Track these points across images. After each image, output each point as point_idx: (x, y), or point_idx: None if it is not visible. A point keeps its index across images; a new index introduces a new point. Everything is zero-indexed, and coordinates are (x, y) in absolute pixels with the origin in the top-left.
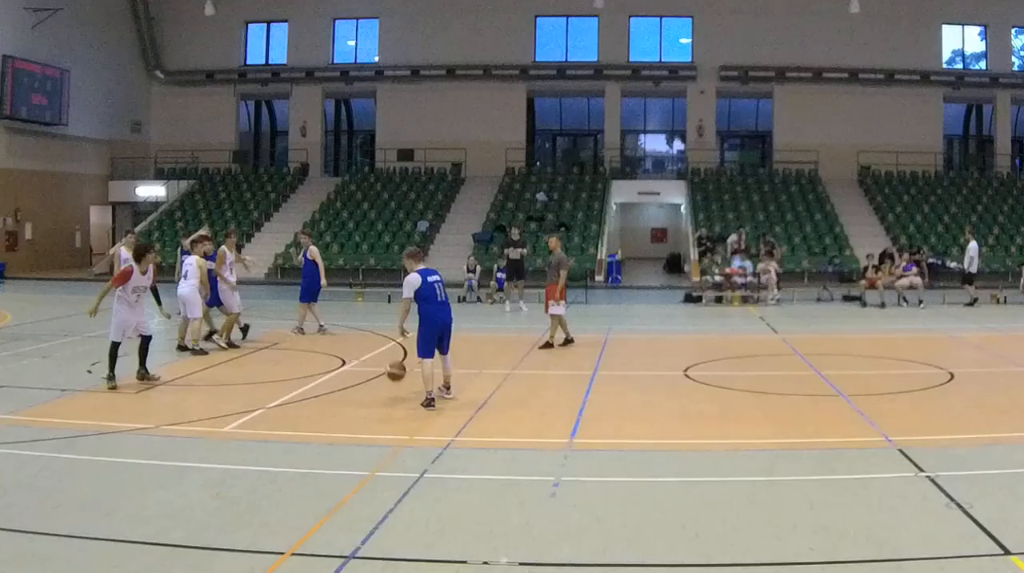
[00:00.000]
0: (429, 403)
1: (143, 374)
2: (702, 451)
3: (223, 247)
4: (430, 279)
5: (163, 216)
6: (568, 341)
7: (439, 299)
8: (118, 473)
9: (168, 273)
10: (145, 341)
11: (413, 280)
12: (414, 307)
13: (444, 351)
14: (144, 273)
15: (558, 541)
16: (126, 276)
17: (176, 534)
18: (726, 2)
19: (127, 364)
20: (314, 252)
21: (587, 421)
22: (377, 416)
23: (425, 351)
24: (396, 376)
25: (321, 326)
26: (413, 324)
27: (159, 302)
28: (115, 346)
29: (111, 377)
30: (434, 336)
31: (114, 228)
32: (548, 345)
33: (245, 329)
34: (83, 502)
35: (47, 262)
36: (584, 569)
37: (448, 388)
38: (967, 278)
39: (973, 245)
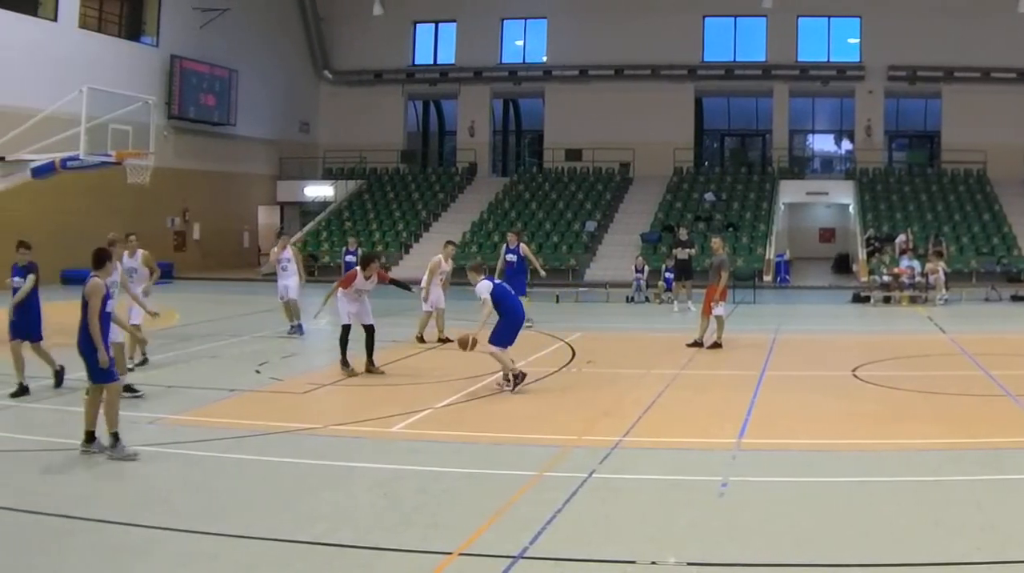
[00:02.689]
0: (520, 378)
1: (370, 367)
2: (870, 451)
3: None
4: (496, 282)
5: (331, 216)
6: (698, 343)
7: (513, 295)
8: (285, 473)
9: (336, 272)
10: (369, 332)
11: (486, 285)
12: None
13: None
14: (368, 278)
15: (726, 541)
16: (351, 279)
17: (343, 534)
18: (894, 2)
19: (296, 364)
20: (525, 248)
21: (755, 421)
22: (545, 416)
23: (501, 342)
24: (464, 343)
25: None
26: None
27: (408, 288)
28: (346, 329)
29: (344, 362)
30: (516, 328)
31: (282, 228)
32: (716, 345)
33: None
34: (250, 502)
35: (215, 262)
36: (752, 569)
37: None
38: None
39: None
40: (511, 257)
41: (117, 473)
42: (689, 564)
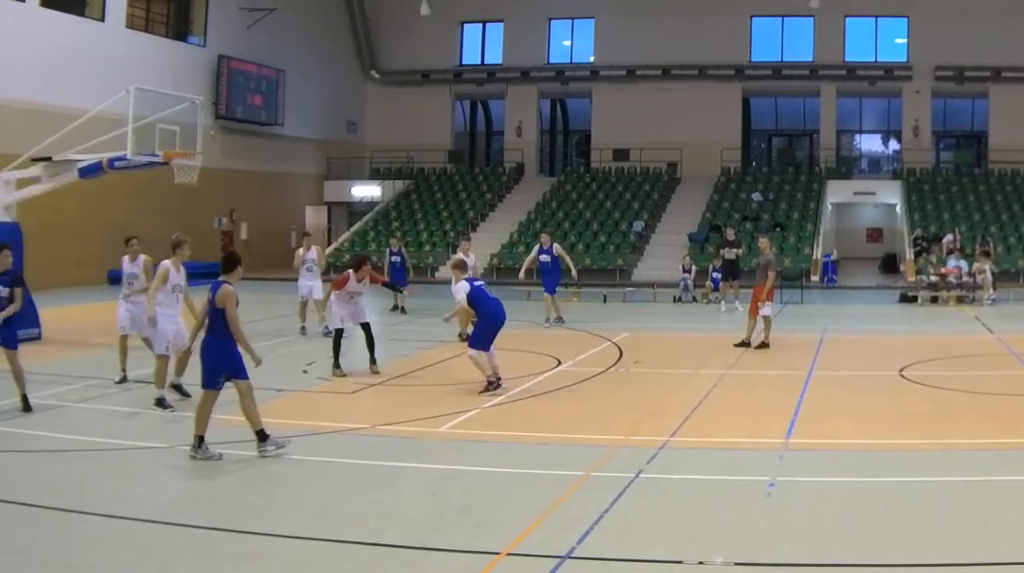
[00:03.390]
0: (497, 385)
1: (373, 368)
2: (917, 451)
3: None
4: (476, 283)
5: (378, 216)
6: (745, 343)
7: (492, 297)
8: (333, 473)
9: (382, 272)
10: (366, 330)
11: (463, 286)
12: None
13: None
14: (360, 281)
15: (773, 541)
16: (344, 282)
17: (391, 534)
18: (942, 2)
19: (352, 362)
20: (559, 248)
21: (802, 421)
22: (592, 416)
23: (481, 344)
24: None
25: (559, 317)
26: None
27: (400, 291)
28: (338, 333)
29: (336, 365)
30: (494, 331)
31: (329, 228)
32: (764, 345)
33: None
34: (298, 502)
35: (262, 262)
36: (800, 569)
37: (499, 379)
38: None
39: None
40: (545, 257)
41: (163, 473)
42: (736, 564)
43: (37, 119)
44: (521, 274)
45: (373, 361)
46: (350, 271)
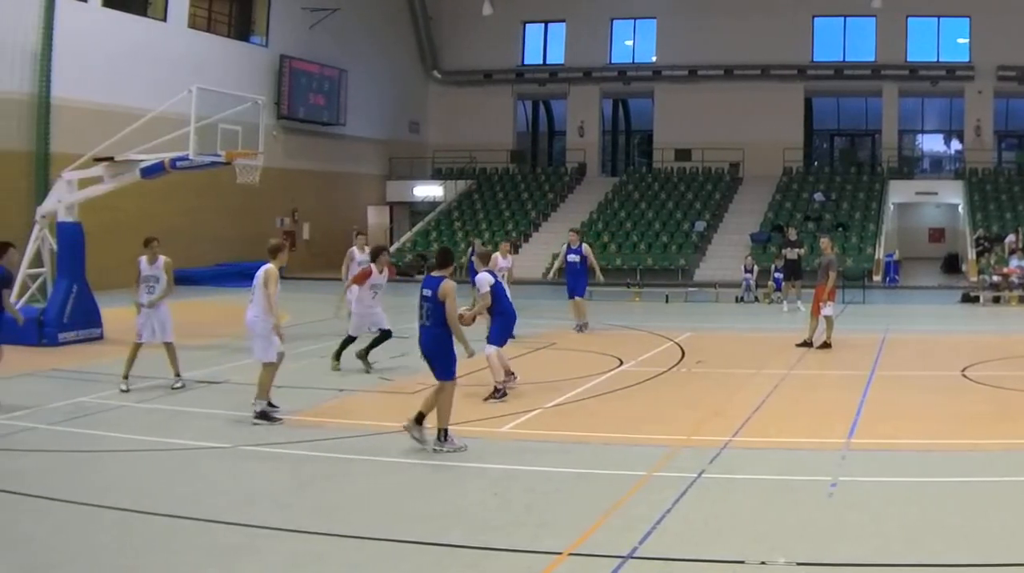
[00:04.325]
0: (502, 394)
1: (363, 358)
2: (980, 451)
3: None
4: (497, 279)
5: (440, 216)
6: (807, 343)
7: (508, 296)
8: (394, 473)
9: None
10: (384, 335)
11: (487, 277)
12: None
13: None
14: (381, 272)
15: (835, 541)
16: (367, 275)
17: (454, 534)
18: (1004, 1)
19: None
20: (587, 249)
21: (864, 421)
22: (654, 416)
23: (500, 342)
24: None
25: (585, 322)
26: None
27: None
28: (349, 340)
29: (336, 357)
30: (511, 329)
31: (392, 228)
32: (826, 345)
33: None
34: (360, 502)
35: (324, 262)
36: (862, 569)
37: (513, 374)
38: None
39: None
40: (573, 257)
41: (226, 473)
42: (799, 564)
43: (99, 119)
44: (551, 275)
45: (367, 353)
46: (372, 265)
